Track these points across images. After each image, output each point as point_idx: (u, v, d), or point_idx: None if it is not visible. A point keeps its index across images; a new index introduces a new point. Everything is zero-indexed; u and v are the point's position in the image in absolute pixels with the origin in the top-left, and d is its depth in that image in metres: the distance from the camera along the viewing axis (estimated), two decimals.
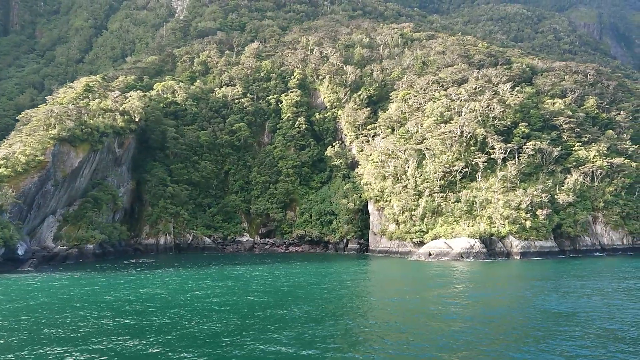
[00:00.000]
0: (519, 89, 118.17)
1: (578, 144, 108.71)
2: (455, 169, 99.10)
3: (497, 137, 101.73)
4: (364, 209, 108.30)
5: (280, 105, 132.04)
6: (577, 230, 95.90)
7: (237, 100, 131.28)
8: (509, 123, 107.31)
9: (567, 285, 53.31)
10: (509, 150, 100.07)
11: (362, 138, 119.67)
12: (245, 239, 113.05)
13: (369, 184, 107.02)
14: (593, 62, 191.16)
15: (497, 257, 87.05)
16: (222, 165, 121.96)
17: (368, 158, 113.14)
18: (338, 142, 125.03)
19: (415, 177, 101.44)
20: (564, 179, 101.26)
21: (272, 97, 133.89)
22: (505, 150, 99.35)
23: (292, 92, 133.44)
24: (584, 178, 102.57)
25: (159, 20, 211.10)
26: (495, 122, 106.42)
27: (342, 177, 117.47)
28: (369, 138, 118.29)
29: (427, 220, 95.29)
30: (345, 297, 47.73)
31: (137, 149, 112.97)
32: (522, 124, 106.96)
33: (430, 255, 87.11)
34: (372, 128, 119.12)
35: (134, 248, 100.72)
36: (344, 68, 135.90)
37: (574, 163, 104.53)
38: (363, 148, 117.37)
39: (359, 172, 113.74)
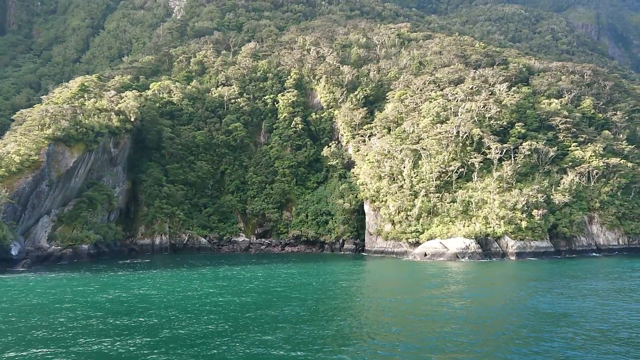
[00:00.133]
0: (516, 89, 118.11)
1: (574, 144, 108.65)
2: (451, 169, 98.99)
3: (493, 137, 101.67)
4: (360, 209, 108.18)
5: (277, 105, 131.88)
6: (573, 231, 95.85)
7: (233, 100, 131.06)
8: (505, 123, 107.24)
9: (561, 286, 53.17)
10: (505, 151, 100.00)
11: (358, 138, 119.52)
12: (241, 239, 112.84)
13: (365, 184, 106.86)
14: (591, 62, 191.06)
15: (492, 257, 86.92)
16: (218, 165, 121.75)
17: (364, 158, 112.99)
18: (334, 142, 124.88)
19: (411, 177, 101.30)
20: (560, 179, 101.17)
21: (268, 97, 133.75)
22: (501, 151, 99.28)
23: (288, 92, 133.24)
24: (580, 178, 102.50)
25: (156, 20, 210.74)
26: (492, 122, 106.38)
27: (338, 177, 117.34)
28: (365, 138, 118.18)
29: (422, 221, 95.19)
30: (339, 297, 47.57)
31: (132, 149, 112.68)
32: (518, 124, 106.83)
33: (426, 256, 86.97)
34: (368, 128, 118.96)
35: (129, 248, 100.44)
36: (341, 68, 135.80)
37: (570, 163, 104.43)
38: (359, 148, 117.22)
39: (355, 172, 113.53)
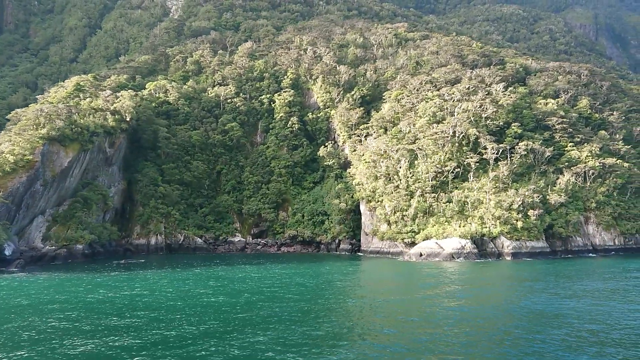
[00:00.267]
0: (512, 89, 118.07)
1: (570, 144, 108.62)
2: (447, 169, 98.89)
3: (489, 137, 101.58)
4: (356, 209, 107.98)
5: (273, 105, 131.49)
6: (568, 231, 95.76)
7: (229, 100, 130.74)
8: (502, 123, 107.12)
9: (556, 286, 53.10)
10: (501, 151, 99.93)
11: (354, 138, 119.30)
12: (237, 239, 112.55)
13: (361, 184, 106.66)
14: (588, 62, 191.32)
15: (488, 257, 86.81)
16: (214, 165, 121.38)
17: (360, 158, 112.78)
18: (331, 142, 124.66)
19: (407, 177, 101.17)
20: (556, 180, 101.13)
21: (265, 96, 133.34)
22: (498, 151, 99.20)
23: (285, 91, 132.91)
24: (576, 178, 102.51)
25: (154, 20, 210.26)
26: (488, 122, 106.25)
27: (334, 177, 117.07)
28: (362, 138, 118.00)
29: (418, 221, 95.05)
30: (333, 297, 47.42)
31: (128, 149, 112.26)
32: (514, 124, 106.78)
33: (422, 256, 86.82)
34: (364, 128, 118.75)
35: (125, 248, 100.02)
36: (338, 68, 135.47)
37: (566, 163, 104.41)
38: (355, 148, 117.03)
39: (351, 172, 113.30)
